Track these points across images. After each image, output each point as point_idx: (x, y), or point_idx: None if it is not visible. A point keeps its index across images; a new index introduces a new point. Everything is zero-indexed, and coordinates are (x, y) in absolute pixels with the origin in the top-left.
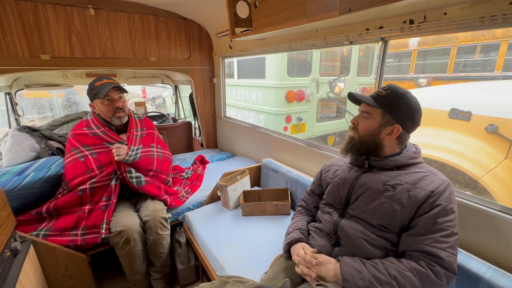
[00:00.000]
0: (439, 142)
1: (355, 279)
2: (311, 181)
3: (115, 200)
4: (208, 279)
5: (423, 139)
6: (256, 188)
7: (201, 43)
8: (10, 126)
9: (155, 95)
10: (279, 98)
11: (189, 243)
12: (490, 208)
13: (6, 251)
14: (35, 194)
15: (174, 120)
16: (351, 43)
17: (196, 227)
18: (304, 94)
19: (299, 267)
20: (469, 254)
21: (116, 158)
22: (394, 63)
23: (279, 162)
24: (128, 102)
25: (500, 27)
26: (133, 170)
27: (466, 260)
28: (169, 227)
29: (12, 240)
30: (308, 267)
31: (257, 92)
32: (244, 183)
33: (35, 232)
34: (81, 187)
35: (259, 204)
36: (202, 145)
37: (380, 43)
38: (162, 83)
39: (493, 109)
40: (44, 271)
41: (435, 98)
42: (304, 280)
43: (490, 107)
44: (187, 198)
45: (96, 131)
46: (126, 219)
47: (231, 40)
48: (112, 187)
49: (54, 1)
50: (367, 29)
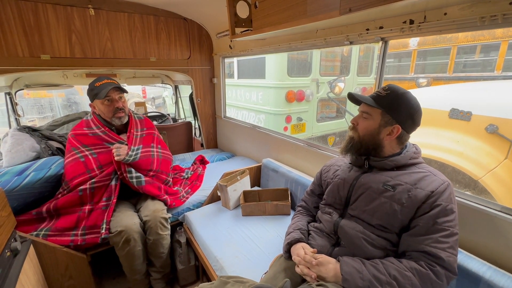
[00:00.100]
0: (439, 142)
1: (355, 279)
2: (311, 181)
3: (115, 200)
4: (208, 279)
5: (423, 139)
6: (256, 188)
7: (201, 43)
8: (10, 126)
9: (155, 95)
10: (279, 98)
11: (189, 243)
12: (490, 208)
13: (6, 251)
14: (35, 194)
15: (174, 120)
16: (351, 43)
17: (196, 227)
18: (304, 94)
19: (299, 267)
20: (469, 254)
21: (116, 158)
22: (394, 63)
23: (279, 162)
24: (128, 102)
25: (500, 27)
26: (133, 170)
27: (466, 260)
28: (169, 227)
29: (12, 240)
30: (308, 267)
31: (257, 92)
32: (244, 183)
33: (35, 232)
34: (81, 187)
35: (259, 204)
36: (202, 145)
37: (380, 43)
38: (162, 83)
39: (493, 109)
40: (44, 271)
41: (435, 98)
42: (304, 280)
43: (490, 107)
44: (187, 198)
45: (96, 131)
46: (126, 219)
47: (231, 40)
48: (112, 187)
49: (54, 1)
50: (367, 29)
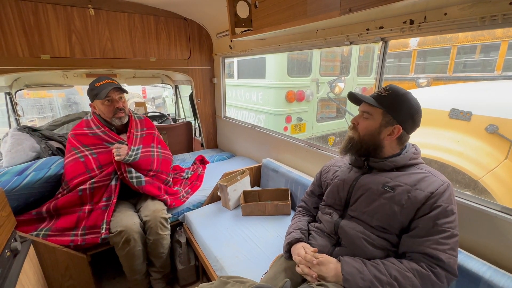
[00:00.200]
0: (439, 142)
1: (356, 279)
2: (311, 181)
3: (115, 200)
4: (208, 279)
5: (423, 139)
6: (256, 188)
7: (201, 43)
8: (10, 126)
9: (155, 95)
10: (279, 98)
11: (189, 243)
12: (490, 208)
13: (6, 251)
14: (35, 194)
15: (174, 120)
16: (351, 43)
17: (196, 227)
18: (304, 94)
19: (299, 267)
20: (469, 254)
21: (116, 158)
22: (394, 63)
23: (279, 162)
24: (128, 102)
25: (501, 27)
26: (133, 170)
27: (466, 260)
28: (169, 227)
29: (12, 240)
30: (309, 267)
31: (257, 92)
32: (244, 183)
33: (35, 232)
34: (81, 187)
35: (259, 204)
36: (202, 145)
37: (380, 43)
38: (162, 83)
39: (493, 109)
40: (44, 271)
41: (435, 98)
42: (304, 280)
43: (490, 107)
44: (187, 198)
45: (96, 131)
46: (126, 219)
47: (231, 40)
48: (112, 187)
49: (54, 1)
50: (367, 29)
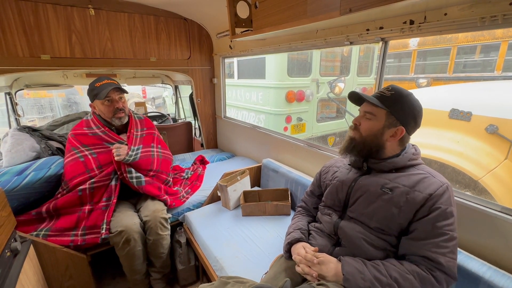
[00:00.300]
0: (439, 143)
1: (357, 279)
2: (311, 181)
3: (115, 200)
4: (208, 279)
5: (423, 139)
6: (256, 188)
7: (201, 43)
8: (10, 126)
9: (155, 95)
10: (279, 98)
11: (189, 243)
12: (490, 208)
13: (6, 251)
14: (35, 194)
15: (174, 120)
16: (351, 43)
17: (196, 227)
18: (304, 94)
19: (299, 266)
20: (469, 254)
21: (116, 158)
22: (394, 63)
23: (279, 163)
24: (128, 102)
25: (501, 27)
26: (133, 170)
27: (466, 260)
28: (169, 227)
29: (12, 240)
30: (309, 266)
31: (257, 92)
32: (244, 183)
33: (35, 232)
34: (80, 187)
35: (259, 204)
36: (202, 145)
37: (380, 43)
38: (162, 83)
39: (493, 109)
40: (44, 271)
41: (435, 98)
42: (304, 281)
43: (490, 107)
44: (187, 198)
45: (96, 131)
46: (126, 219)
47: (231, 40)
48: (112, 187)
49: (55, 1)
50: (368, 29)
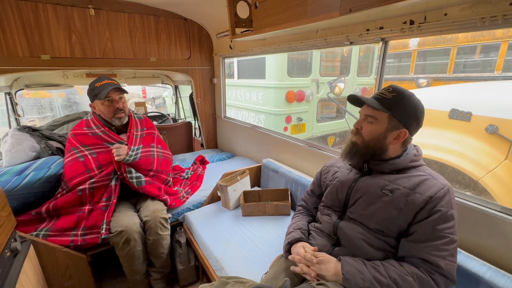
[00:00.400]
0: (439, 143)
1: (356, 279)
2: (311, 181)
3: (115, 200)
4: (208, 279)
5: (423, 140)
6: (256, 188)
7: (201, 43)
8: (10, 126)
9: (155, 95)
10: (279, 98)
11: (189, 243)
12: (490, 208)
13: (6, 251)
14: (35, 194)
15: (174, 120)
16: (351, 43)
17: (196, 227)
18: (304, 95)
19: (298, 266)
20: (469, 254)
21: (116, 158)
22: (394, 63)
23: (279, 163)
24: (128, 102)
25: (501, 27)
26: (133, 170)
27: (466, 260)
28: (169, 227)
29: (12, 240)
30: (308, 265)
31: (257, 92)
32: (244, 184)
33: (35, 232)
34: (80, 187)
35: (259, 204)
36: (202, 145)
37: (380, 43)
38: (162, 83)
39: (493, 109)
40: (44, 271)
41: (435, 98)
42: (304, 280)
43: (490, 107)
44: (187, 198)
45: (96, 131)
46: (126, 219)
47: (231, 41)
48: (112, 187)
49: (55, 1)
50: (368, 29)
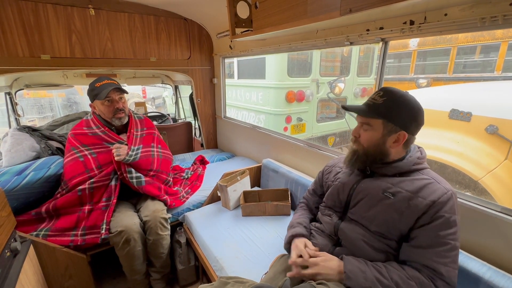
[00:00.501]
0: (439, 143)
1: (358, 278)
2: (311, 181)
3: (115, 200)
4: (208, 279)
5: (423, 140)
6: (256, 188)
7: (201, 43)
8: (10, 126)
9: (155, 95)
10: (279, 98)
11: (189, 243)
12: (490, 209)
13: (6, 251)
14: (35, 194)
15: (174, 120)
16: (352, 43)
17: (196, 227)
18: (304, 95)
19: (292, 270)
20: (469, 255)
21: (116, 158)
22: (394, 63)
23: (279, 163)
24: (128, 102)
25: (501, 28)
26: (133, 170)
27: (466, 261)
28: (169, 227)
29: (12, 240)
30: (302, 267)
31: (257, 92)
32: (244, 184)
33: (35, 232)
34: (80, 187)
35: (259, 204)
36: (202, 145)
37: (381, 43)
38: (162, 83)
39: (493, 109)
40: (44, 271)
41: (435, 98)
42: (304, 280)
43: (490, 107)
44: (187, 199)
45: (96, 131)
46: (126, 219)
47: (231, 41)
48: (112, 187)
49: (55, 1)
50: (368, 29)
